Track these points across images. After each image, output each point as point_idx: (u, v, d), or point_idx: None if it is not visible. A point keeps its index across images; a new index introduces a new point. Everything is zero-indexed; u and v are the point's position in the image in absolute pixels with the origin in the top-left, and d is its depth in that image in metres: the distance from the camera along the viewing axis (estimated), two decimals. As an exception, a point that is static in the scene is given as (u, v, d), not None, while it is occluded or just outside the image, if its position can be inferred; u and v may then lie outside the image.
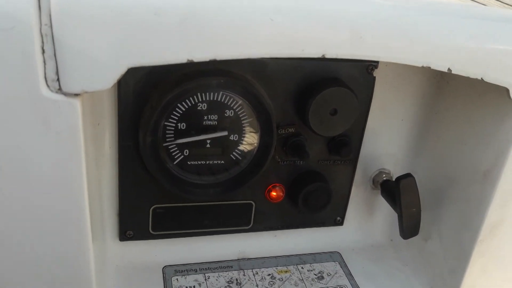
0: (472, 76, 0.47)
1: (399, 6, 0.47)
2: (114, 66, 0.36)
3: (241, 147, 0.56)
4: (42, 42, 0.35)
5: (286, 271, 0.62)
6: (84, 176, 0.40)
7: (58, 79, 0.36)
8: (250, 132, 0.56)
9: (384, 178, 0.66)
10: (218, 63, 0.52)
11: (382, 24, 0.44)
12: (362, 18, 0.43)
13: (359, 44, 0.43)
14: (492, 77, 0.48)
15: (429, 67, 0.46)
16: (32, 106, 0.36)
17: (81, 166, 0.40)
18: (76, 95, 0.37)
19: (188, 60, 0.38)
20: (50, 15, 0.34)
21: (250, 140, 0.56)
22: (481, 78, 0.47)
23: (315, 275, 0.62)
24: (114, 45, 0.36)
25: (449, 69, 0.46)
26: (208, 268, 0.60)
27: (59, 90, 0.36)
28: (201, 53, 0.39)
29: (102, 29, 0.35)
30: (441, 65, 0.46)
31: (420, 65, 0.46)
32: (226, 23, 0.39)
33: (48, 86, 0.36)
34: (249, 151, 0.57)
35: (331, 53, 0.43)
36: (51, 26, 0.34)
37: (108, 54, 0.36)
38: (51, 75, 0.35)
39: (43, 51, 0.35)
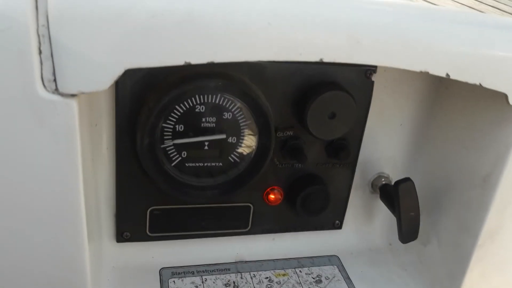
0: (470, 82, 0.47)
1: (397, 11, 0.47)
2: (111, 67, 0.36)
3: (239, 150, 0.56)
4: (39, 42, 0.35)
5: (284, 274, 0.61)
6: (81, 177, 0.40)
7: (55, 80, 0.36)
8: (249, 134, 0.56)
9: (383, 182, 0.66)
10: (216, 66, 0.52)
11: (379, 29, 0.44)
12: (359, 23, 0.43)
13: (356, 49, 0.43)
14: (490, 83, 0.48)
15: (427, 72, 0.46)
16: (29, 107, 0.36)
17: (77, 167, 0.40)
18: (73, 95, 0.37)
19: (185, 62, 0.38)
20: (47, 16, 0.34)
21: (248, 143, 0.56)
22: (479, 84, 0.47)
23: (313, 278, 0.62)
24: (111, 46, 0.36)
25: (447, 74, 0.46)
26: (206, 270, 0.60)
27: (56, 90, 0.36)
28: (199, 56, 0.39)
29: (99, 31, 0.35)
30: (439, 70, 0.46)
31: (418, 70, 0.46)
32: (224, 26, 0.39)
33: (44, 86, 0.36)
34: (247, 154, 0.57)
35: (328, 58, 0.43)
36: (48, 27, 0.35)
37: (105, 55, 0.36)
38: (48, 75, 0.36)
39: (40, 52, 0.35)
